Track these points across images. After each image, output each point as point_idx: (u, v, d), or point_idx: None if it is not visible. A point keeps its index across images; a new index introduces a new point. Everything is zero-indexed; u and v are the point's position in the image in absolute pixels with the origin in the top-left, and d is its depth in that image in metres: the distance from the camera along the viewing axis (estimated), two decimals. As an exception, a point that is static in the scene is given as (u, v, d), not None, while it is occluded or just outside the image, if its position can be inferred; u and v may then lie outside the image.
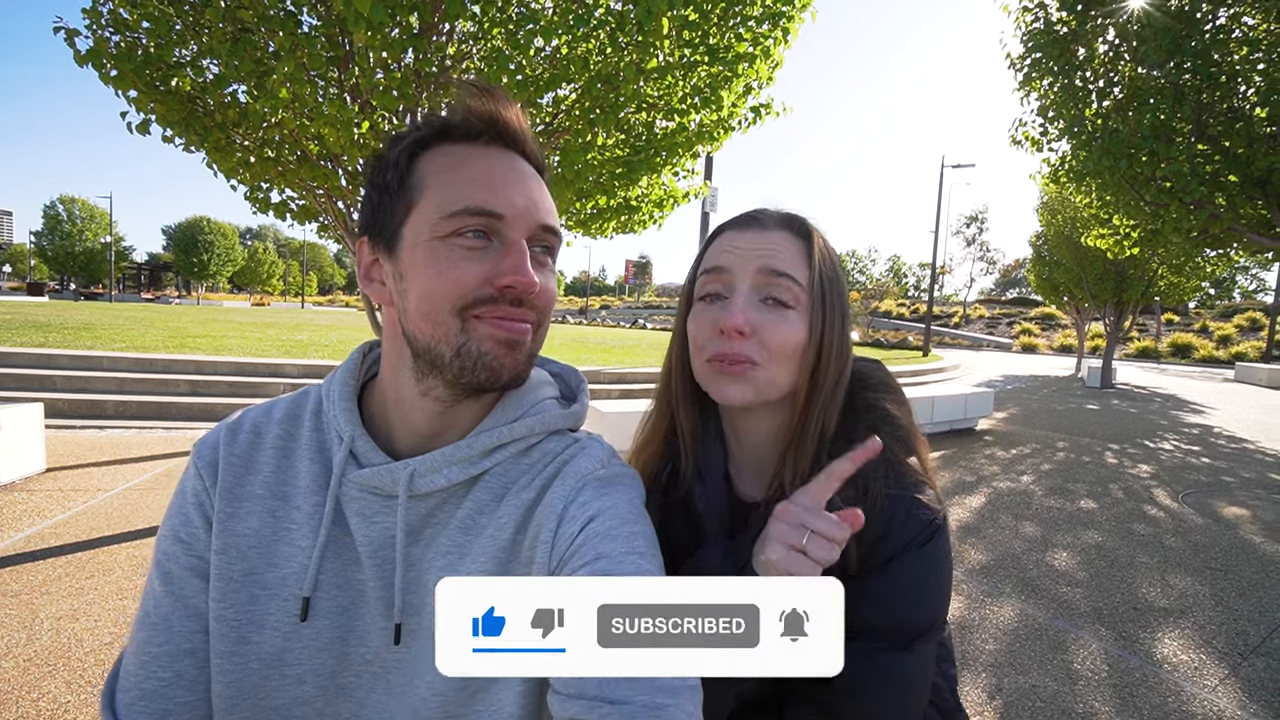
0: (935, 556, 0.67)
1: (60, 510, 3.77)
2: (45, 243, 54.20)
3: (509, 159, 0.60)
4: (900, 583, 0.66)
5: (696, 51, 3.96)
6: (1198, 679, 2.59)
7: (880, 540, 0.67)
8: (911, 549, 0.66)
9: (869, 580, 0.66)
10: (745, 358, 0.68)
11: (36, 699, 2.09)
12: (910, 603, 0.67)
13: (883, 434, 0.71)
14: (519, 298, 0.58)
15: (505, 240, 0.57)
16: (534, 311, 0.61)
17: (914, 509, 0.68)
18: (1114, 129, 6.46)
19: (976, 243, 59.31)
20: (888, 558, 0.66)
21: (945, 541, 0.69)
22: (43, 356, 7.54)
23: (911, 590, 0.67)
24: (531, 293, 0.58)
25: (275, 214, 4.41)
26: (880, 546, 0.66)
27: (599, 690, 0.50)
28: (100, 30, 3.27)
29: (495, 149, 0.59)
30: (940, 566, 0.68)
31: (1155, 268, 14.40)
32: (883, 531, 0.67)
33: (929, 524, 0.67)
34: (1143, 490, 5.61)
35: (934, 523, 0.68)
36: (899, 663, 0.65)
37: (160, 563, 0.61)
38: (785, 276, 0.68)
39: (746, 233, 0.71)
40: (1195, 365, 27.76)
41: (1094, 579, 3.56)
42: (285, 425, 0.66)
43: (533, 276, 0.57)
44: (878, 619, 0.66)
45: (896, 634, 0.66)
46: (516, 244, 0.57)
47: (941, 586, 0.69)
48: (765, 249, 0.69)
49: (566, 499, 0.62)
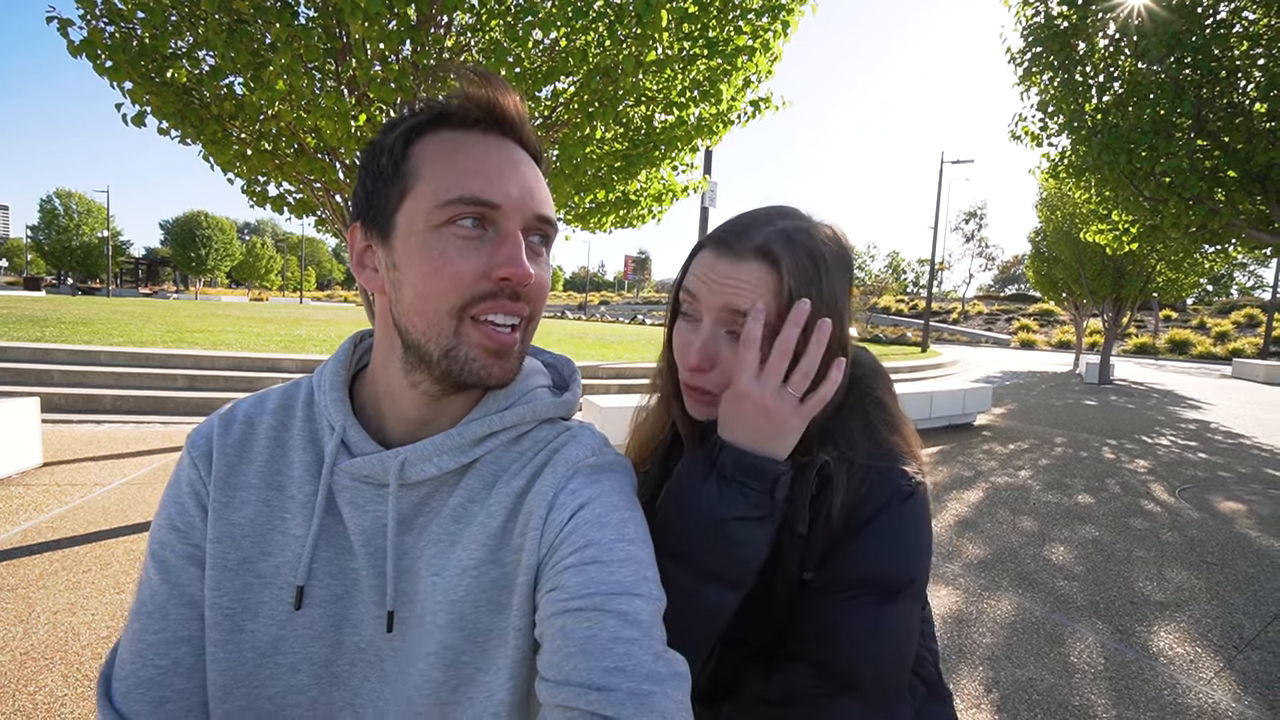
0: (915, 513, 0.70)
1: (57, 505, 3.77)
2: (42, 237, 54.04)
3: (506, 147, 0.59)
4: (882, 537, 0.68)
5: (696, 44, 3.94)
6: (1193, 672, 2.60)
7: (860, 503, 0.69)
8: (892, 505, 0.69)
9: (851, 539, 0.69)
10: (707, 390, 0.71)
11: (33, 692, 2.09)
12: (893, 555, 0.68)
13: (872, 416, 0.75)
14: (515, 291, 0.57)
15: (500, 230, 0.57)
16: (528, 304, 0.60)
17: (892, 474, 0.70)
18: (1114, 124, 6.45)
19: (975, 239, 59.34)
20: (869, 515, 0.68)
21: (924, 503, 0.71)
22: (39, 351, 7.51)
23: (893, 543, 0.69)
24: (527, 285, 0.57)
25: (273, 208, 4.38)
26: (860, 508, 0.69)
27: (586, 677, 0.50)
28: (94, 20, 3.23)
29: (492, 136, 0.58)
30: (920, 524, 0.70)
31: (1153, 264, 14.42)
32: (864, 494, 0.69)
33: (908, 484, 0.70)
34: (1140, 485, 5.63)
35: (913, 483, 0.70)
36: (884, 614, 0.67)
37: (156, 552, 0.61)
38: (741, 315, 0.68)
39: (719, 261, 0.70)
40: (1193, 361, 27.82)
41: (1091, 573, 3.57)
42: (278, 415, 0.66)
43: (528, 269, 0.56)
44: (861, 573, 0.68)
45: (881, 586, 0.67)
46: (511, 235, 0.56)
47: (922, 543, 0.70)
48: (731, 284, 0.68)
49: (557, 486, 0.62)
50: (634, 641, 0.52)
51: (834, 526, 0.69)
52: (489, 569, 0.60)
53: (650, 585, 0.57)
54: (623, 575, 0.56)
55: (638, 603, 0.54)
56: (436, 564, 0.59)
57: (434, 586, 0.59)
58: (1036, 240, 18.73)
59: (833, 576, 0.69)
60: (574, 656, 0.51)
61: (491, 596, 0.59)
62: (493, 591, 0.59)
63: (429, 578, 0.59)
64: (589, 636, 0.52)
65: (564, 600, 0.55)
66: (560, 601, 0.55)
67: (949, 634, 2.81)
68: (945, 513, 4.60)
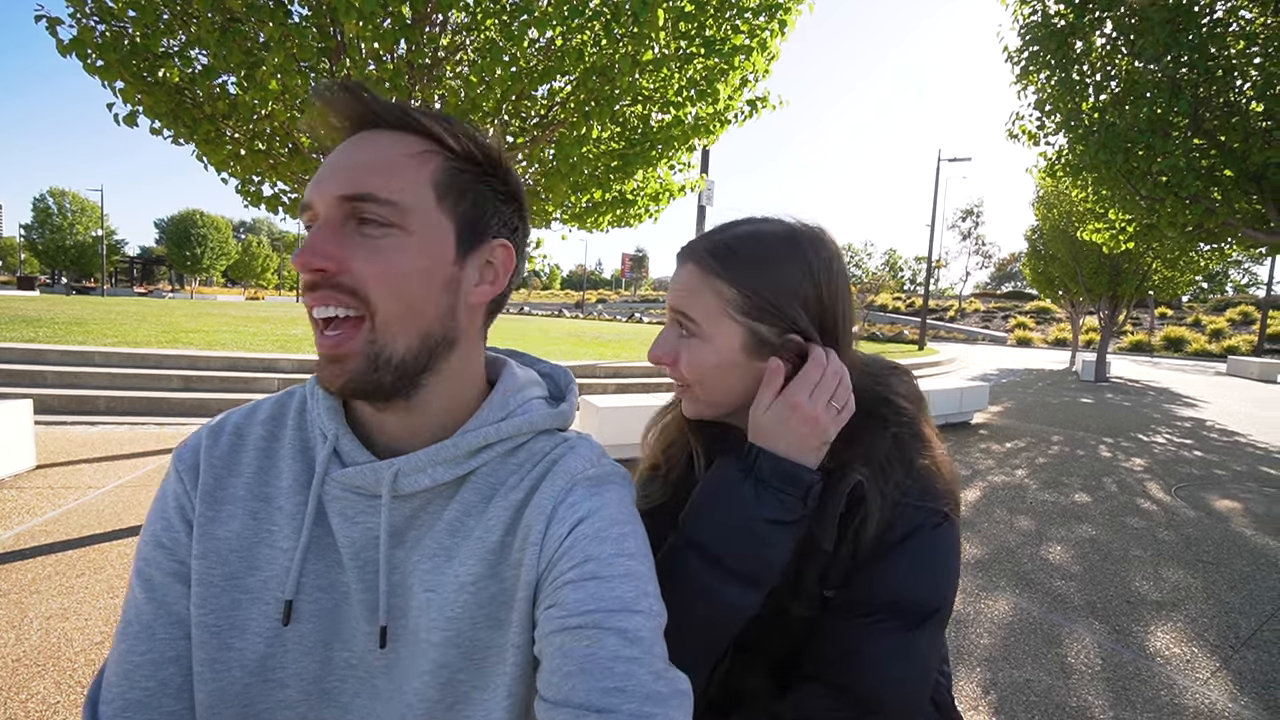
0: (947, 540, 0.70)
1: (50, 508, 3.74)
2: (35, 236, 53.71)
3: (349, 144, 0.57)
4: (913, 560, 0.68)
5: (692, 44, 3.93)
6: (1190, 672, 2.60)
7: (891, 524, 0.69)
8: (925, 528, 0.69)
9: (880, 560, 0.69)
10: (681, 380, 0.76)
11: (25, 699, 2.07)
12: (923, 580, 0.68)
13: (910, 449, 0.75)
14: (312, 281, 0.54)
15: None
16: (347, 295, 0.54)
17: (927, 494, 0.71)
18: (1111, 123, 6.45)
19: (972, 236, 59.46)
20: (901, 537, 0.68)
21: (956, 533, 0.72)
22: (32, 352, 7.46)
23: (924, 568, 0.69)
24: (308, 270, 0.53)
25: (267, 207, 4.35)
26: (892, 529, 0.69)
27: (585, 698, 0.49)
28: (84, 19, 3.20)
29: (363, 132, 0.58)
30: (952, 552, 0.71)
31: (1149, 262, 14.47)
32: (894, 517, 0.69)
33: (940, 510, 0.70)
34: (1136, 484, 5.64)
35: (945, 509, 0.71)
36: (908, 640, 0.66)
37: (141, 570, 0.60)
38: (689, 317, 0.74)
39: (679, 270, 0.77)
40: (1188, 359, 27.93)
41: (1088, 573, 3.57)
42: (268, 426, 0.65)
43: (306, 254, 0.53)
44: (889, 596, 0.68)
45: (908, 611, 0.67)
46: (315, 225, 0.56)
47: (952, 571, 0.70)
48: (680, 290, 0.76)
49: (555, 499, 0.61)
50: (634, 660, 0.51)
51: (862, 546, 0.69)
52: (488, 584, 0.58)
53: (650, 601, 0.56)
54: (623, 591, 0.55)
55: (638, 619, 0.53)
56: (431, 579, 0.58)
57: (428, 603, 0.57)
58: (1033, 238, 18.76)
59: (858, 597, 0.69)
60: (573, 676, 0.50)
61: (490, 613, 0.58)
62: (491, 608, 0.58)
63: (423, 593, 0.58)
64: (588, 655, 0.51)
65: (563, 617, 0.53)
66: (559, 619, 0.54)
67: (947, 635, 2.81)
68: (942, 512, 4.60)
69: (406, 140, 0.57)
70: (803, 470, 0.67)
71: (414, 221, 0.56)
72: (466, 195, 0.60)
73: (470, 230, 0.60)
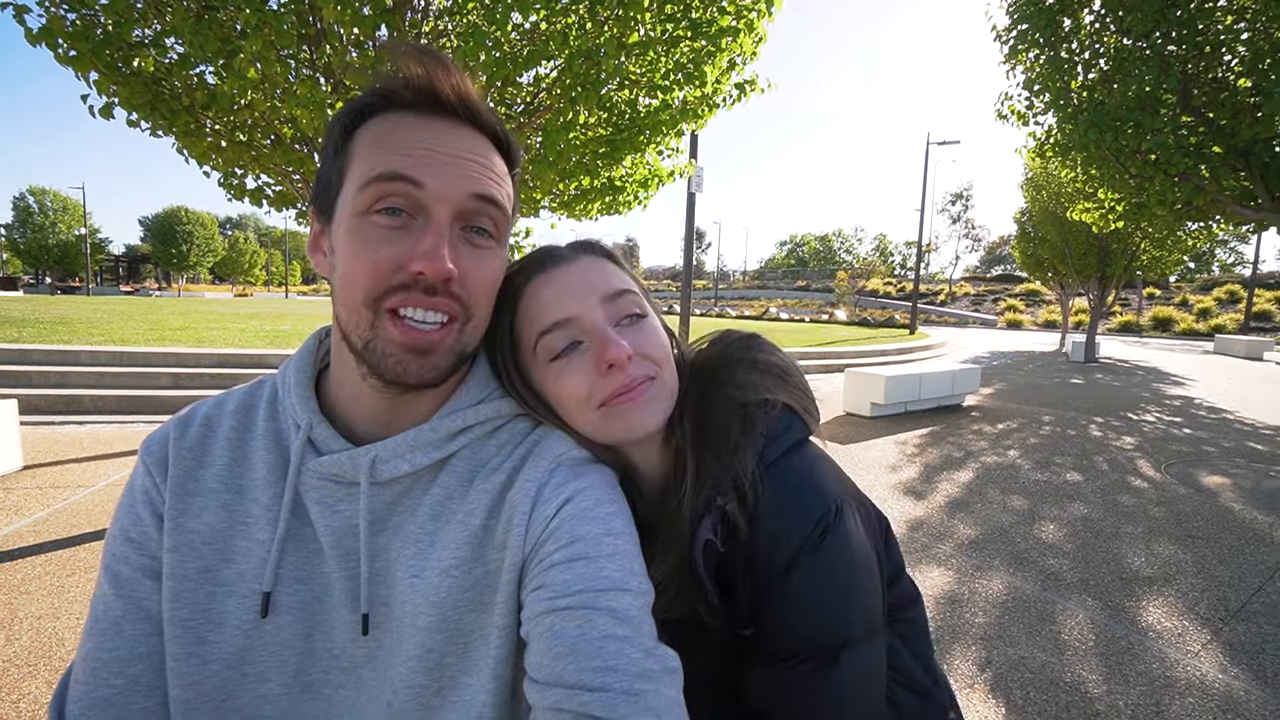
0: (835, 556, 0.62)
1: (39, 508, 3.69)
2: (17, 235, 52.81)
3: (445, 128, 0.54)
4: (802, 597, 0.61)
5: (679, 26, 3.86)
6: (1181, 645, 2.63)
7: (771, 550, 0.62)
8: (804, 556, 0.61)
9: (771, 600, 0.62)
10: (642, 377, 0.65)
11: (16, 700, 2.05)
12: (818, 616, 0.61)
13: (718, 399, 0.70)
14: (432, 286, 0.52)
15: (428, 217, 0.53)
16: (455, 301, 0.55)
17: (799, 507, 0.63)
18: (1099, 101, 6.44)
19: (962, 220, 59.59)
20: (784, 569, 0.62)
21: (843, 535, 0.63)
22: (17, 352, 7.35)
23: (814, 601, 0.61)
24: (445, 280, 0.52)
25: (251, 201, 4.28)
26: (773, 557, 0.62)
27: (577, 678, 0.48)
28: (54, 7, 3.10)
29: (434, 119, 0.54)
30: (842, 567, 0.62)
31: (1138, 242, 14.55)
32: (770, 539, 0.62)
33: (818, 523, 0.62)
34: (1127, 462, 5.70)
35: (824, 520, 0.62)
36: (828, 679, 0.60)
37: (109, 565, 0.58)
38: (628, 293, 0.68)
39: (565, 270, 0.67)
40: (1176, 338, 28.22)
41: (1081, 550, 3.61)
42: (239, 416, 0.64)
43: (445, 263, 0.51)
44: (791, 642, 0.62)
45: (817, 652, 0.61)
46: (435, 223, 0.53)
47: (854, 587, 0.62)
48: (595, 278, 0.67)
49: (540, 481, 0.60)
50: (625, 639, 0.50)
51: (756, 569, 0.63)
52: (472, 568, 0.58)
53: (639, 579, 0.56)
54: (611, 570, 0.54)
55: (626, 599, 0.53)
56: (415, 564, 0.57)
57: (413, 588, 0.57)
58: (1022, 220, 18.82)
59: (768, 643, 0.63)
60: (564, 657, 0.50)
61: (474, 596, 0.58)
62: (475, 591, 0.58)
63: (407, 579, 0.57)
64: (579, 635, 0.50)
65: (551, 599, 0.53)
66: (548, 600, 0.53)
67: (942, 615, 2.83)
68: (936, 494, 4.63)
69: (488, 143, 0.58)
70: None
71: (502, 234, 0.59)
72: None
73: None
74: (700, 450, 0.68)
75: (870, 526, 0.71)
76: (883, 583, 0.70)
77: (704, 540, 0.63)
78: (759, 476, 0.64)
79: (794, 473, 0.66)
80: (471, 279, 0.55)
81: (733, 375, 0.73)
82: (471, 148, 0.55)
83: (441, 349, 0.55)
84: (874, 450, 5.93)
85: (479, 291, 0.56)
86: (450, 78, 0.54)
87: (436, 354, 0.55)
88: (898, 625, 0.77)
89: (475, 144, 0.56)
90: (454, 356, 0.57)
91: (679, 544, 0.66)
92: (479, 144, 0.56)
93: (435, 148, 0.53)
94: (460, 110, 0.55)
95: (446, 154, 0.53)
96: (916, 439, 6.47)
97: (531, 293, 0.66)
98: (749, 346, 0.77)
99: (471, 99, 0.55)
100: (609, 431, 0.65)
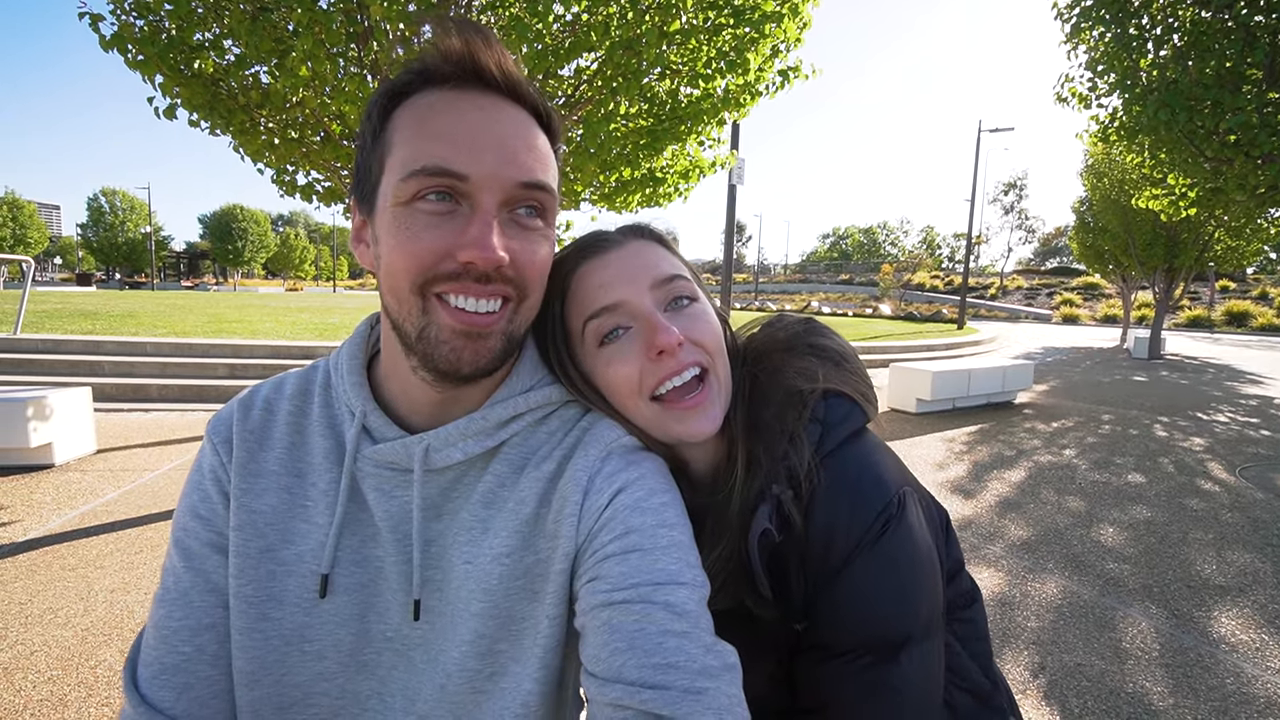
0: (895, 551, 0.59)
1: (111, 489, 3.93)
2: (90, 234, 56.46)
3: (488, 105, 0.52)
4: (862, 590, 0.59)
5: (721, 13, 3.79)
6: (1259, 660, 2.46)
7: (828, 542, 0.60)
8: (864, 548, 0.59)
9: (828, 592, 0.60)
10: (692, 362, 0.63)
11: (94, 666, 2.19)
12: (878, 609, 0.59)
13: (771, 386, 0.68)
14: (484, 273, 0.51)
15: (474, 205, 0.51)
16: (509, 285, 0.53)
17: (858, 498, 0.60)
18: (1172, 80, 6.02)
19: (1015, 210, 57.00)
20: (842, 561, 0.59)
21: (905, 528, 0.60)
22: (90, 344, 7.85)
23: (873, 595, 0.59)
24: (495, 267, 0.51)
25: (302, 196, 4.43)
26: (830, 549, 0.60)
27: (638, 674, 0.48)
28: (124, 15, 3.28)
29: (473, 94, 0.52)
30: (903, 562, 0.60)
31: (1212, 230, 13.61)
32: (828, 531, 0.60)
33: (879, 514, 0.59)
34: (1195, 464, 5.36)
35: (885, 511, 0.60)
36: (887, 676, 0.58)
37: (180, 539, 0.61)
38: (678, 277, 0.65)
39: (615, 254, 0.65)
40: (1253, 334, 26.39)
41: (1144, 555, 3.41)
42: (296, 401, 0.65)
43: (495, 249, 0.50)
44: (849, 637, 0.59)
45: (875, 648, 0.58)
46: (482, 210, 0.51)
47: (915, 580, 0.60)
48: (645, 262, 0.65)
49: (591, 470, 0.59)
50: (684, 635, 0.50)
51: (811, 561, 0.61)
52: (523, 556, 0.58)
53: (695, 572, 0.55)
54: (667, 563, 0.53)
55: (683, 592, 0.52)
56: (469, 551, 0.58)
57: (467, 574, 0.57)
58: (1081, 210, 17.90)
59: (823, 638, 0.61)
60: (623, 652, 0.49)
61: (525, 584, 0.58)
62: (526, 579, 0.58)
63: (461, 565, 0.58)
64: (637, 630, 0.50)
65: (607, 592, 0.53)
66: (604, 593, 0.53)
67: (992, 617, 2.72)
68: (985, 493, 4.46)
69: (530, 120, 0.56)
70: None
71: (551, 214, 0.57)
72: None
73: None
74: (753, 439, 0.66)
75: (931, 520, 0.68)
76: (943, 579, 0.67)
77: (760, 530, 0.61)
78: (815, 466, 0.62)
79: (853, 462, 0.63)
80: (522, 260, 0.54)
81: (787, 360, 0.70)
82: (514, 127, 0.53)
83: (495, 332, 0.54)
84: (920, 448, 5.75)
85: (531, 272, 0.55)
86: (492, 50, 0.52)
87: (490, 338, 0.54)
88: (956, 624, 0.74)
89: (518, 122, 0.54)
90: (507, 341, 0.56)
91: (729, 534, 0.64)
92: (522, 121, 0.54)
93: (478, 131, 0.51)
94: (502, 84, 0.53)
95: (490, 139, 0.51)
96: (965, 436, 6.24)
97: (580, 277, 0.64)
98: (805, 331, 0.74)
99: (513, 72, 0.53)
100: (665, 430, 0.64)
